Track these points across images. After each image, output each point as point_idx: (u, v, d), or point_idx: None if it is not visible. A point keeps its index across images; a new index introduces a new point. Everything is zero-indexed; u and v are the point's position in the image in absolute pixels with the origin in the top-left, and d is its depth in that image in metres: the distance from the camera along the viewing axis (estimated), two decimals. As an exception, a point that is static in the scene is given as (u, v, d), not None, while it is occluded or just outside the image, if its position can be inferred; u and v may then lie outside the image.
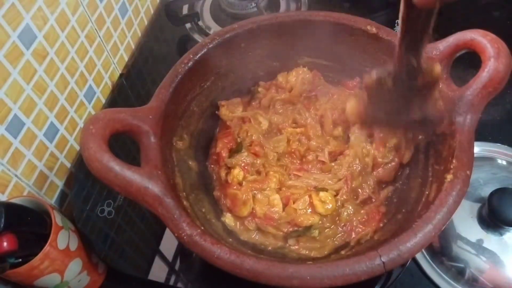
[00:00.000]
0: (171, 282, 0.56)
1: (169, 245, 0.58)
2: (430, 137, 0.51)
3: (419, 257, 0.55)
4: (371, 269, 0.37)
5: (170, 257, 0.58)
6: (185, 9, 0.89)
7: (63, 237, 0.50)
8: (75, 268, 0.53)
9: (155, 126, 0.46)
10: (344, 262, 0.38)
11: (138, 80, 0.78)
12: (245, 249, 0.48)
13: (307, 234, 0.50)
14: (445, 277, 0.53)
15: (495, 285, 0.51)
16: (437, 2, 0.31)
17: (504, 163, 0.61)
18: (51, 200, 0.63)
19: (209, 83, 0.60)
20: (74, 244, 0.53)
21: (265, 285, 0.38)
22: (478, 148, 0.63)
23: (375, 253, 0.38)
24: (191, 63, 0.54)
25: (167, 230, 0.59)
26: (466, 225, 0.54)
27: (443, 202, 0.40)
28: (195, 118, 0.59)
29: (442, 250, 0.54)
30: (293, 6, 0.86)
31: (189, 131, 0.58)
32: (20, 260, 0.47)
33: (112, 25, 0.74)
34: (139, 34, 0.85)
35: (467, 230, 0.54)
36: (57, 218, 0.50)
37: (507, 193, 0.51)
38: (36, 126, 0.58)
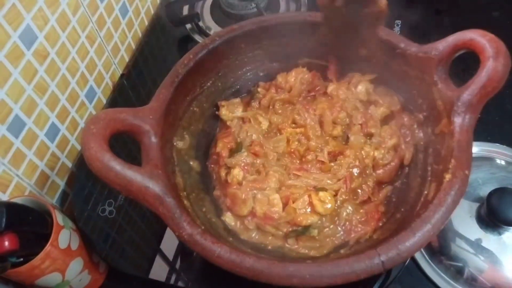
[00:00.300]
0: (172, 281, 0.56)
1: (169, 244, 0.59)
2: (429, 136, 0.51)
3: (418, 256, 0.55)
4: (370, 268, 0.38)
5: (170, 256, 0.58)
6: (186, 10, 0.89)
7: (64, 236, 0.50)
8: (76, 267, 0.53)
9: (155, 126, 0.47)
10: (344, 261, 0.38)
11: (138, 80, 0.78)
12: (245, 248, 0.49)
13: (306, 233, 0.50)
14: (444, 276, 0.53)
15: (493, 284, 0.51)
16: None
17: (503, 163, 0.61)
18: (52, 199, 0.63)
19: (209, 84, 0.60)
20: (75, 244, 0.53)
21: (265, 284, 0.39)
22: (477, 148, 0.63)
23: (374, 252, 0.38)
24: (191, 64, 0.54)
25: (168, 229, 0.59)
26: (465, 224, 0.54)
27: (442, 202, 0.40)
28: (195, 118, 0.59)
29: (441, 250, 0.55)
30: (293, 6, 0.86)
31: (189, 131, 0.58)
32: (21, 259, 0.47)
33: (112, 26, 0.74)
34: (140, 34, 0.85)
35: (466, 230, 0.54)
36: (58, 218, 0.50)
37: (506, 192, 0.52)
38: (37, 126, 0.58)
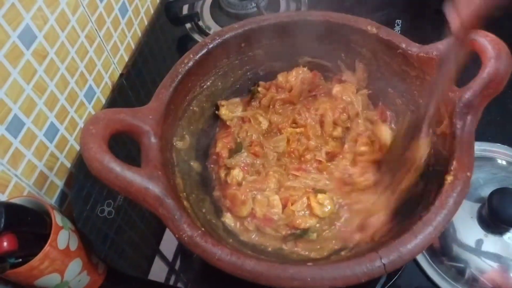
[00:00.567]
0: (171, 282, 0.56)
1: (169, 245, 0.58)
2: (431, 137, 0.51)
3: (419, 257, 0.55)
4: (371, 270, 0.37)
5: (170, 257, 0.58)
6: (185, 9, 0.88)
7: (63, 237, 0.50)
8: (75, 268, 0.53)
9: (155, 126, 0.46)
10: (345, 263, 0.38)
11: (138, 80, 0.78)
12: (245, 249, 0.48)
13: (304, 236, 0.50)
14: (445, 277, 0.53)
15: (495, 285, 0.51)
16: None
17: (504, 163, 0.61)
18: (51, 200, 0.63)
19: (209, 83, 0.60)
20: (74, 244, 0.53)
21: (265, 286, 0.38)
22: (478, 148, 0.63)
23: (375, 254, 0.38)
24: (191, 63, 0.54)
25: (167, 230, 0.59)
26: (466, 225, 0.54)
27: (444, 204, 0.40)
28: (195, 118, 0.59)
29: (442, 250, 0.54)
30: (293, 6, 0.86)
31: (189, 131, 0.58)
32: (20, 260, 0.47)
33: (112, 25, 0.74)
34: (139, 34, 0.85)
35: (467, 230, 0.54)
36: (57, 218, 0.50)
37: (507, 193, 0.51)
38: (36, 126, 0.58)
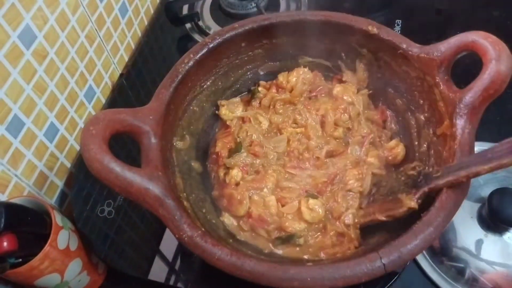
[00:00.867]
0: (171, 282, 0.56)
1: (169, 245, 0.58)
2: (430, 137, 0.51)
3: (419, 257, 0.55)
4: (371, 270, 0.37)
5: (170, 257, 0.58)
6: (185, 9, 0.88)
7: (63, 237, 0.50)
8: (75, 268, 0.53)
9: (155, 126, 0.46)
10: (345, 264, 0.38)
11: (138, 80, 0.78)
12: (245, 250, 0.48)
13: (291, 241, 0.50)
14: (445, 277, 0.53)
15: (495, 285, 0.51)
16: None
17: (504, 163, 0.61)
18: (51, 200, 0.63)
19: (209, 83, 0.60)
20: (74, 244, 0.53)
21: (265, 286, 0.38)
22: (477, 148, 0.62)
23: (375, 255, 0.38)
24: (191, 63, 0.54)
25: (167, 230, 0.59)
26: (466, 225, 0.54)
27: (444, 204, 0.40)
28: (195, 118, 0.59)
29: (442, 250, 0.54)
30: (293, 6, 0.86)
31: (189, 131, 0.58)
32: (20, 260, 0.47)
33: (112, 25, 0.74)
34: (139, 34, 0.85)
35: (467, 230, 0.54)
36: (57, 218, 0.50)
37: (506, 193, 0.51)
38: (36, 126, 0.58)
